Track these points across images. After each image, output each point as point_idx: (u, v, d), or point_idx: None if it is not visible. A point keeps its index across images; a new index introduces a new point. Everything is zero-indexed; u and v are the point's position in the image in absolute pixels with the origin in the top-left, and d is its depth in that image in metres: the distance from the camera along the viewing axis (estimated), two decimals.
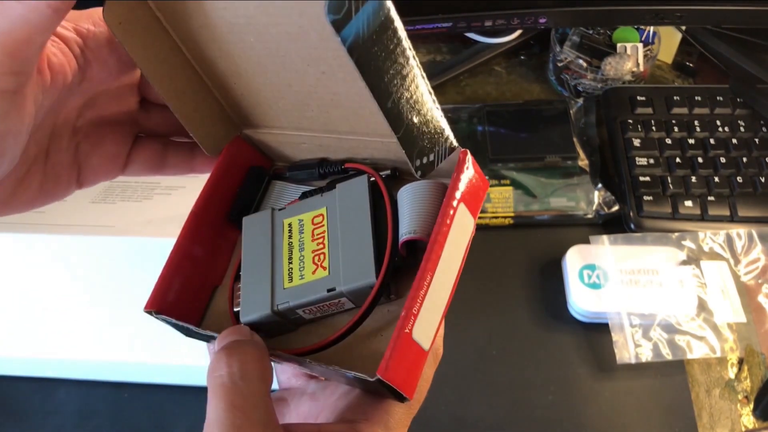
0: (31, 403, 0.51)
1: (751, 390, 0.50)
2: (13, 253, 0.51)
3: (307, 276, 0.30)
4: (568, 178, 0.60)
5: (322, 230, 0.31)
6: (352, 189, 0.31)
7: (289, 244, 0.31)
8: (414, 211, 0.29)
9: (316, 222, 0.31)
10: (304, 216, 0.32)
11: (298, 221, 0.32)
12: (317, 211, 0.32)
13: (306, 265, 0.30)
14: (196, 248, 0.32)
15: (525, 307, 0.55)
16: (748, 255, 0.56)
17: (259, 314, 0.30)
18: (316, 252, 0.30)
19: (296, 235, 0.31)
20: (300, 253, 0.31)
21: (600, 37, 0.68)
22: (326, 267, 0.30)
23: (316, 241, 0.30)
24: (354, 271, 0.29)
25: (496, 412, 0.50)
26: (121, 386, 0.51)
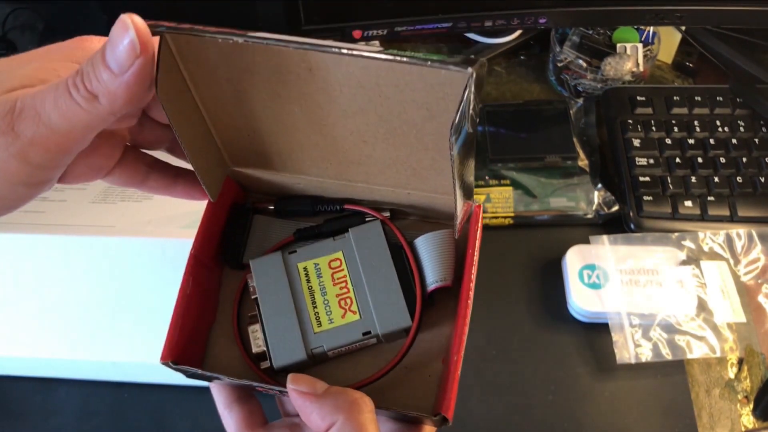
0: (31, 403, 0.51)
1: (750, 390, 0.50)
2: (13, 253, 0.51)
3: (337, 320, 0.32)
4: (568, 178, 0.60)
5: (343, 274, 0.33)
6: (368, 233, 0.33)
7: (309, 288, 0.32)
8: (436, 260, 0.32)
9: (334, 266, 0.33)
10: (319, 260, 0.33)
11: (314, 265, 0.33)
12: (333, 255, 0.33)
13: (333, 309, 0.32)
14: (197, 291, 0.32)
15: (525, 307, 0.55)
16: (748, 255, 0.56)
17: (294, 359, 0.31)
18: (340, 296, 0.32)
19: (314, 279, 0.33)
20: (323, 297, 0.32)
21: (600, 38, 0.68)
22: (356, 311, 0.32)
23: (338, 285, 0.32)
24: (388, 315, 0.31)
25: (495, 411, 0.50)
26: (121, 386, 0.51)
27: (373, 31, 0.59)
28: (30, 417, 0.50)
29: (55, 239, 0.50)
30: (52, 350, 0.49)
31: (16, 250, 0.51)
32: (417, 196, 0.33)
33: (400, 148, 0.31)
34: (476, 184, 0.60)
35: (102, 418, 0.50)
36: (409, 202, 0.34)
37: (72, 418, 0.50)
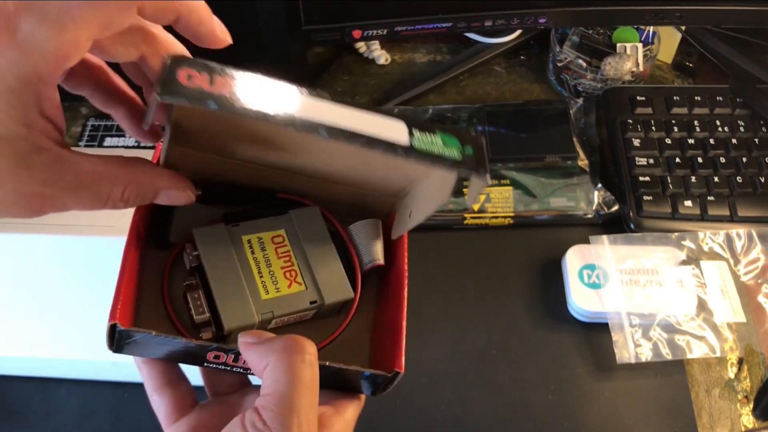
0: (31, 403, 0.51)
1: (750, 390, 0.50)
2: (13, 253, 0.51)
3: (283, 289, 0.33)
4: (568, 178, 0.60)
5: (286, 249, 0.34)
6: (308, 216, 0.36)
7: (254, 259, 0.34)
8: (369, 244, 0.36)
9: (277, 241, 0.35)
10: (263, 235, 0.35)
11: (257, 239, 0.34)
12: (276, 231, 0.35)
13: (279, 279, 0.33)
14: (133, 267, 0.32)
15: (525, 307, 0.55)
16: (748, 255, 0.56)
17: (246, 322, 0.32)
18: (285, 269, 0.34)
19: (259, 252, 0.34)
20: (269, 268, 0.34)
21: (600, 37, 0.68)
22: (301, 282, 0.34)
23: (283, 259, 0.34)
24: (333, 287, 0.34)
25: (495, 411, 0.50)
26: (121, 386, 0.51)
27: (373, 31, 0.59)
28: (30, 417, 0.50)
29: (55, 239, 0.50)
30: (52, 350, 0.49)
31: (16, 250, 0.51)
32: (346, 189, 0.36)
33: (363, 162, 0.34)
34: None
35: (102, 418, 0.50)
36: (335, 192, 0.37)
37: (72, 418, 0.50)
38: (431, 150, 0.27)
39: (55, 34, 0.23)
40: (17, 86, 0.24)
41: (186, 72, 0.25)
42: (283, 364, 0.27)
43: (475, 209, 0.59)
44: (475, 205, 0.59)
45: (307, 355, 0.28)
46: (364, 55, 0.74)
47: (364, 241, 0.36)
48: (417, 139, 0.27)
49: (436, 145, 0.27)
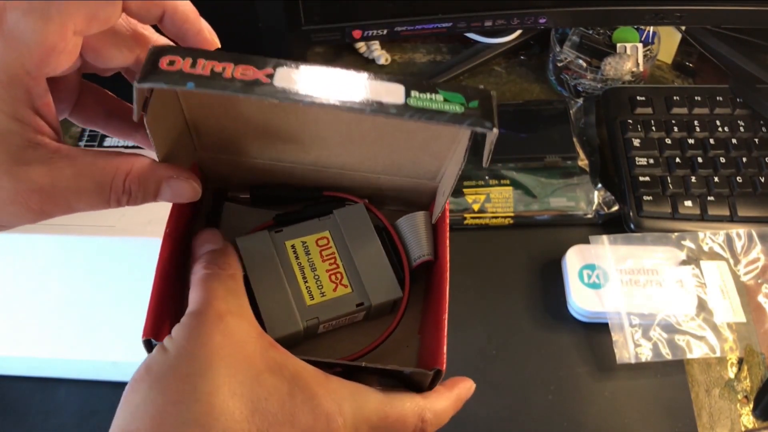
0: (31, 403, 0.51)
1: (750, 390, 0.50)
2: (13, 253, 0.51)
3: (329, 293, 0.32)
4: (568, 178, 0.60)
5: (331, 251, 0.34)
6: (353, 214, 0.35)
7: (299, 264, 0.33)
8: (417, 238, 0.35)
9: (321, 244, 0.34)
10: (307, 239, 0.34)
11: (301, 243, 0.34)
12: (320, 234, 0.34)
13: (324, 283, 0.33)
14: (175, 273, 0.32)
15: (525, 307, 0.55)
16: (748, 255, 0.56)
17: (290, 330, 0.31)
18: (330, 271, 0.33)
19: (303, 256, 0.33)
20: (313, 272, 0.33)
21: (600, 37, 0.68)
22: (347, 285, 0.33)
23: (327, 262, 0.33)
24: (380, 288, 0.33)
25: (496, 411, 0.50)
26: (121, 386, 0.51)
27: (373, 31, 0.59)
28: (30, 417, 0.50)
29: (55, 239, 0.50)
30: (52, 350, 0.49)
31: (16, 250, 0.51)
32: (386, 180, 0.35)
33: (386, 145, 0.33)
34: (476, 184, 0.60)
35: (102, 418, 0.50)
36: (378, 186, 0.36)
37: (72, 418, 0.50)
38: (428, 106, 0.25)
39: (41, 25, 0.23)
40: (4, 79, 0.24)
41: (168, 58, 0.24)
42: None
43: (476, 209, 0.59)
44: (476, 205, 0.59)
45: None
46: (364, 55, 0.74)
47: (412, 236, 0.35)
48: (414, 98, 0.25)
49: (435, 102, 0.26)
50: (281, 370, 0.26)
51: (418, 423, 0.29)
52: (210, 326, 0.26)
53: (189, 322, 0.26)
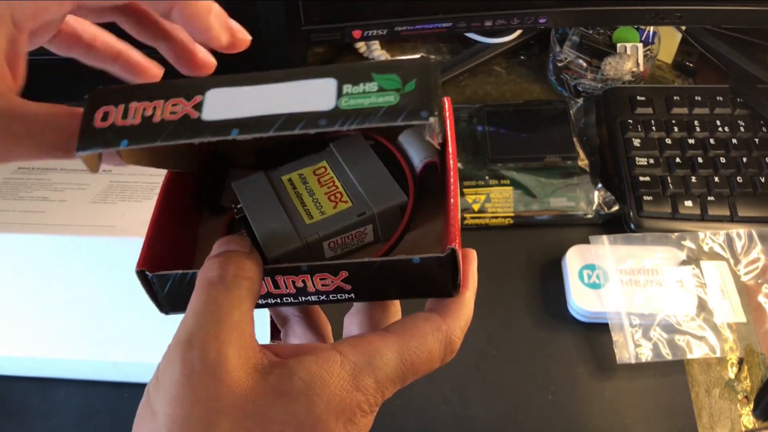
0: (31, 403, 0.51)
1: (750, 390, 0.50)
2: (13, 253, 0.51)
3: (329, 211, 0.31)
4: (568, 178, 0.60)
5: (329, 177, 0.32)
6: (349, 142, 0.33)
7: (296, 193, 0.32)
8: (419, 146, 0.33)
9: (319, 173, 0.33)
10: (303, 170, 0.33)
11: (298, 176, 0.33)
12: (317, 165, 0.33)
13: (323, 203, 0.31)
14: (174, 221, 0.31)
15: (525, 307, 0.55)
16: (748, 255, 0.56)
17: (287, 248, 0.30)
18: (329, 193, 0.32)
19: (300, 186, 0.32)
20: (311, 197, 0.32)
21: (600, 37, 0.68)
22: (347, 200, 0.31)
23: (326, 186, 0.32)
24: (382, 195, 0.31)
25: (496, 411, 0.50)
26: (121, 386, 0.51)
27: (373, 31, 0.59)
28: (30, 417, 0.50)
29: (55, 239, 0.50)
30: (52, 350, 0.49)
31: (16, 250, 0.51)
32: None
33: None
34: (476, 184, 0.60)
35: (102, 418, 0.50)
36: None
37: (72, 418, 0.50)
38: (361, 105, 0.23)
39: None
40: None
41: (102, 110, 0.24)
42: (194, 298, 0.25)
43: (476, 209, 0.59)
44: (476, 205, 0.59)
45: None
46: (364, 55, 0.74)
47: (414, 145, 0.33)
48: (346, 98, 0.24)
49: (368, 95, 0.24)
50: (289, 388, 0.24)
51: (445, 351, 0.27)
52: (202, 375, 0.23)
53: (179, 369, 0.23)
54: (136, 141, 0.24)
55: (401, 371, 0.26)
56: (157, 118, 0.24)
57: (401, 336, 0.26)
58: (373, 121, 0.23)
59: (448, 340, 0.27)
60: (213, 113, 0.24)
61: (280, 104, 0.24)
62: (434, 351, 0.27)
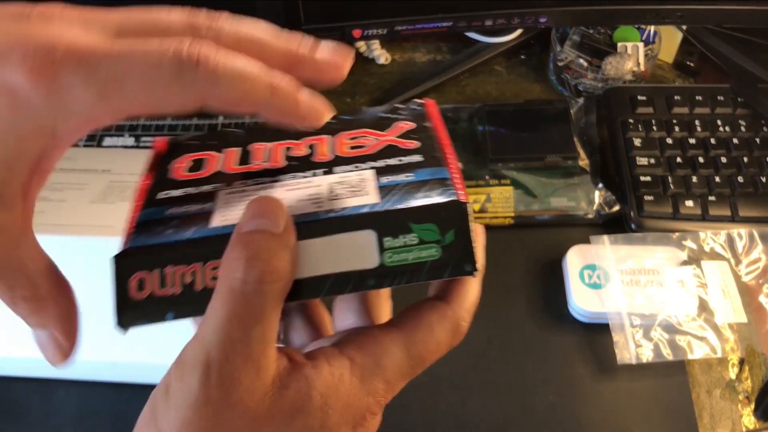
0: (31, 403, 0.51)
1: (751, 390, 0.50)
2: None
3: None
4: (569, 178, 0.60)
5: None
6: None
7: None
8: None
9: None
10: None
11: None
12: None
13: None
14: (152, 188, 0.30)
15: (525, 307, 0.55)
16: (749, 255, 0.56)
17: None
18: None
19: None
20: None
21: (600, 37, 0.68)
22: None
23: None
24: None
25: (496, 412, 0.50)
26: (120, 386, 0.51)
27: (373, 31, 0.59)
28: (29, 417, 0.50)
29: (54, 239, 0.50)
30: None
31: None
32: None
33: None
34: (477, 183, 0.60)
35: (102, 418, 0.50)
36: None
37: (71, 418, 0.50)
38: (405, 260, 0.23)
39: (94, 100, 0.21)
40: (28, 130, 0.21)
41: (136, 278, 0.23)
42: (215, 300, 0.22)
43: (476, 209, 0.59)
44: (476, 205, 0.59)
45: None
46: (364, 54, 0.73)
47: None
48: (389, 253, 0.23)
49: (411, 249, 0.23)
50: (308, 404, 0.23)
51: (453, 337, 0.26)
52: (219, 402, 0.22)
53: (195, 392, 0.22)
54: (183, 313, 0.23)
55: (410, 366, 0.26)
56: (199, 285, 0.23)
57: (407, 330, 0.25)
58: (420, 279, 0.23)
59: (455, 325, 0.26)
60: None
61: (325, 263, 0.23)
62: (442, 340, 0.26)
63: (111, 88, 0.21)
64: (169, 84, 0.21)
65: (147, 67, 0.20)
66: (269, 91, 0.22)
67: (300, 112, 0.23)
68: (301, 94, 0.23)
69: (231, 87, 0.21)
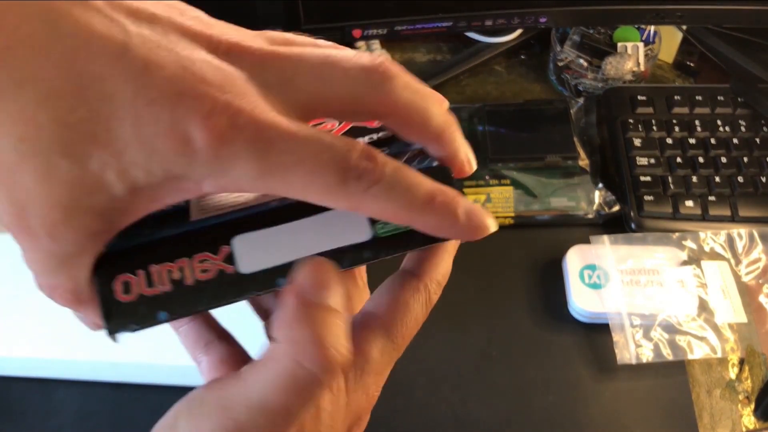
0: (31, 403, 0.51)
1: (751, 390, 0.50)
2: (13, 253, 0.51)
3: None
4: (569, 178, 0.60)
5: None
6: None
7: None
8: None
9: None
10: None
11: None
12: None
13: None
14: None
15: (525, 307, 0.55)
16: (749, 255, 0.56)
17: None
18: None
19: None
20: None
21: (601, 37, 0.68)
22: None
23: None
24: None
25: (496, 412, 0.50)
26: (120, 387, 0.51)
27: (373, 31, 0.59)
28: (29, 417, 0.50)
29: None
30: (52, 351, 0.49)
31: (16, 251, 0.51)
32: None
33: None
34: (476, 183, 0.60)
35: (101, 418, 0.50)
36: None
37: (71, 418, 0.50)
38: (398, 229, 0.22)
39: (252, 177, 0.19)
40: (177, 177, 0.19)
41: (121, 280, 0.22)
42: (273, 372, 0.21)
43: None
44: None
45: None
46: None
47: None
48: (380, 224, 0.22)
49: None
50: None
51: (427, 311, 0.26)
52: None
53: None
54: (176, 311, 0.21)
55: (394, 350, 0.25)
56: (189, 280, 0.22)
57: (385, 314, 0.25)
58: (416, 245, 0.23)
59: (428, 298, 0.26)
60: (249, 264, 0.22)
61: (316, 242, 0.22)
62: (419, 315, 0.26)
63: (276, 170, 0.19)
64: (330, 186, 0.20)
65: (316, 163, 0.19)
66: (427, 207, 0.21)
67: (460, 228, 0.23)
68: (461, 208, 0.22)
69: (390, 200, 0.20)
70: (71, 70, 0.17)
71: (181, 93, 0.18)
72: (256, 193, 0.23)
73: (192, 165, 0.19)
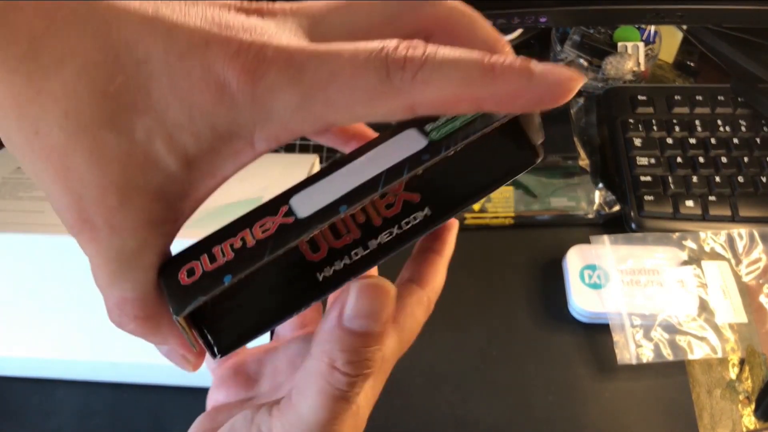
0: (30, 403, 0.51)
1: (752, 390, 0.50)
2: (13, 253, 0.51)
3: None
4: (569, 178, 0.60)
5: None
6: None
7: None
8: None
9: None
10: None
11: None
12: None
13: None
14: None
15: (525, 307, 0.55)
16: (750, 255, 0.56)
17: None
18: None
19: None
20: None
21: (601, 37, 0.68)
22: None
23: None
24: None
25: (496, 412, 0.50)
26: (120, 387, 0.51)
27: None
28: (29, 417, 0.50)
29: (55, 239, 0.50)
30: (52, 350, 0.49)
31: (16, 250, 0.51)
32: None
33: None
34: None
35: (102, 418, 0.50)
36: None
37: (71, 418, 0.50)
38: (454, 127, 0.21)
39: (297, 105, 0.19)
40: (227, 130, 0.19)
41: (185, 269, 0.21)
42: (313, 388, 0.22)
43: (476, 209, 0.59)
44: (476, 205, 0.59)
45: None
46: None
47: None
48: (434, 132, 0.21)
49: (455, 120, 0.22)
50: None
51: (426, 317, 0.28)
52: None
53: None
54: (241, 269, 0.21)
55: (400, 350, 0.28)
56: (251, 242, 0.21)
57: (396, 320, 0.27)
58: (477, 131, 0.21)
59: (428, 306, 0.29)
60: (308, 209, 0.21)
61: (373, 168, 0.21)
62: (421, 321, 0.28)
63: (316, 91, 0.19)
64: (375, 88, 0.18)
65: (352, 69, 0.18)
66: (490, 74, 0.18)
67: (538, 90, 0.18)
68: (533, 64, 0.18)
69: (444, 79, 0.18)
70: (106, 40, 0.18)
71: (208, 41, 0.18)
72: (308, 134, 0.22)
73: (233, 113, 0.19)
